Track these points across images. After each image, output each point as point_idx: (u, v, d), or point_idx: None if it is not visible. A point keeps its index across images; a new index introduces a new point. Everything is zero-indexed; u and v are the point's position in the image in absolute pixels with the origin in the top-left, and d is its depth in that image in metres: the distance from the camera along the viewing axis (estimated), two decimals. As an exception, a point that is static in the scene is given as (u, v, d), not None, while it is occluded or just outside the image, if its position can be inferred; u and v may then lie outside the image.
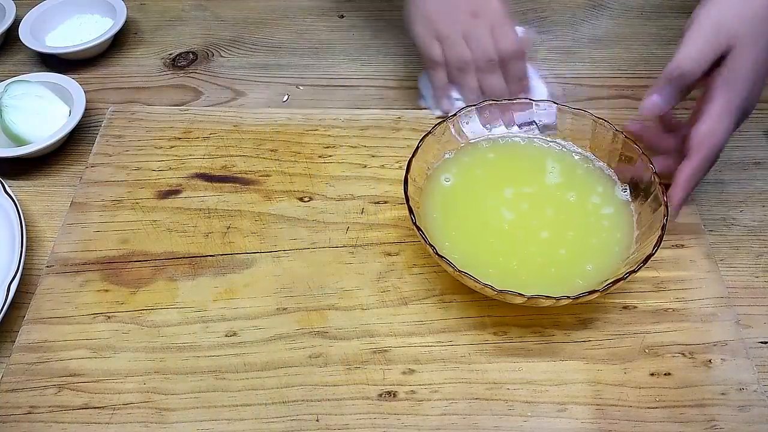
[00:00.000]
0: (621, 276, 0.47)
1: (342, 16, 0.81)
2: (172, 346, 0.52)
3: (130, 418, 0.48)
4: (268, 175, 0.63)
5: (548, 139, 0.59)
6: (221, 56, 0.77)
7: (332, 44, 0.78)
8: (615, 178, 0.56)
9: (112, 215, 0.60)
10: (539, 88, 0.68)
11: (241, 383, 0.50)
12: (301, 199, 0.61)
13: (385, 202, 0.61)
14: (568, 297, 0.47)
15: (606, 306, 0.54)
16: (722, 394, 0.49)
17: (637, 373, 0.50)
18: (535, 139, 0.59)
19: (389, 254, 0.57)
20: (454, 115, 0.58)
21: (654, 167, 0.52)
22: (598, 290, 0.47)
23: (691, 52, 0.52)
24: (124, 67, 0.76)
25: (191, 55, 0.77)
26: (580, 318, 0.53)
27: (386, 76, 0.74)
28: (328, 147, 0.65)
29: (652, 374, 0.50)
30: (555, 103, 0.59)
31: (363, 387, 0.50)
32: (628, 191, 0.55)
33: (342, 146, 0.65)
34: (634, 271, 0.47)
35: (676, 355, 0.51)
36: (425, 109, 0.68)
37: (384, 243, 0.58)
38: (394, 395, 0.49)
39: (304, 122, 0.67)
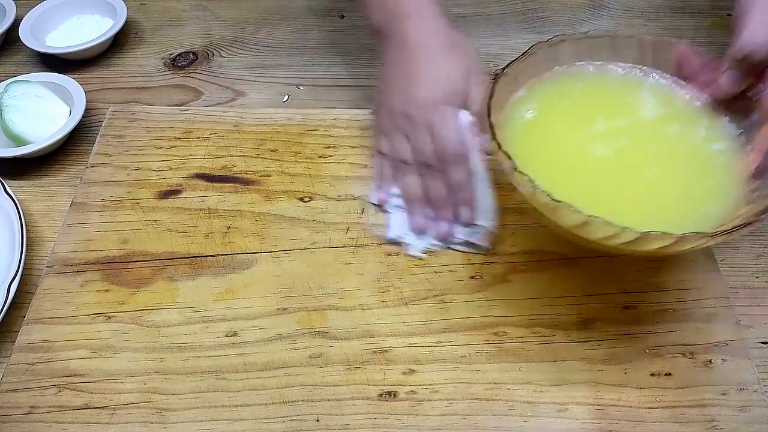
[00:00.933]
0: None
1: (342, 16, 0.81)
2: (172, 346, 0.52)
3: (130, 418, 0.48)
4: (268, 176, 0.63)
5: (646, 68, 0.52)
6: (221, 56, 0.77)
7: (332, 44, 0.78)
8: (720, 110, 0.50)
9: (113, 215, 0.60)
10: (485, 198, 0.55)
11: (241, 383, 0.50)
12: (301, 199, 0.61)
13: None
14: (722, 233, 0.39)
15: (606, 306, 0.54)
16: (723, 394, 0.49)
17: (638, 373, 0.50)
18: (633, 70, 0.52)
19: (389, 254, 0.57)
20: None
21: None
22: (754, 221, 0.40)
23: (757, 31, 0.46)
24: (124, 67, 0.76)
25: (191, 55, 0.77)
26: (580, 318, 0.53)
27: (386, 76, 0.74)
28: (328, 147, 0.65)
29: (652, 374, 0.50)
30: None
31: (363, 387, 0.50)
32: (739, 123, 0.50)
33: (342, 146, 0.65)
34: None
35: (677, 355, 0.51)
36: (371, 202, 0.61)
37: (384, 243, 0.58)
38: (395, 395, 0.49)
39: (305, 122, 0.67)
